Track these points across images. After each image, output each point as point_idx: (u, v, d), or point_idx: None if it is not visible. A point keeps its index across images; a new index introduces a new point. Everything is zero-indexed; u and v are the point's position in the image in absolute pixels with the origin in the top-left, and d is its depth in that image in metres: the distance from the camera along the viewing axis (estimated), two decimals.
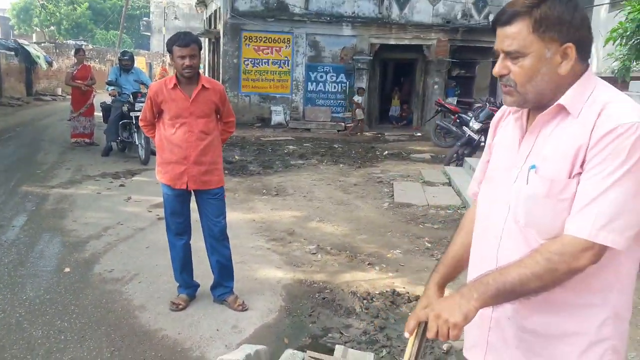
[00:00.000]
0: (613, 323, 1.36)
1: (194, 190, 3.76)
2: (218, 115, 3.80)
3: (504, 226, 1.45)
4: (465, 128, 10.71)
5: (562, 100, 1.36)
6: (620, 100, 1.33)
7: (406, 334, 1.41)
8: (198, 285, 4.06)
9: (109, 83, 9.66)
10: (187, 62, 3.45)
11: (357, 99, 15.30)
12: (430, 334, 1.35)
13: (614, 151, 1.25)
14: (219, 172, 3.81)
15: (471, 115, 11.78)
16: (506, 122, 1.58)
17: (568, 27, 1.33)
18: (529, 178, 1.39)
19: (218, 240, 3.87)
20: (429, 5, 15.88)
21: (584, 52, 1.37)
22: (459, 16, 16.02)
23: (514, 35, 1.36)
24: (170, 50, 3.55)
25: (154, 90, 3.62)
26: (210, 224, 3.86)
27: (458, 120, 12.61)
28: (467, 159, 9.32)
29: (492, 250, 1.48)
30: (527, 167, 1.40)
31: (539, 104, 1.41)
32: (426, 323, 1.39)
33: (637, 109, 1.30)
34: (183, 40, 3.46)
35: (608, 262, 1.30)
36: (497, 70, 1.42)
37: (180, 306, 3.83)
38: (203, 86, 3.60)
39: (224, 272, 3.92)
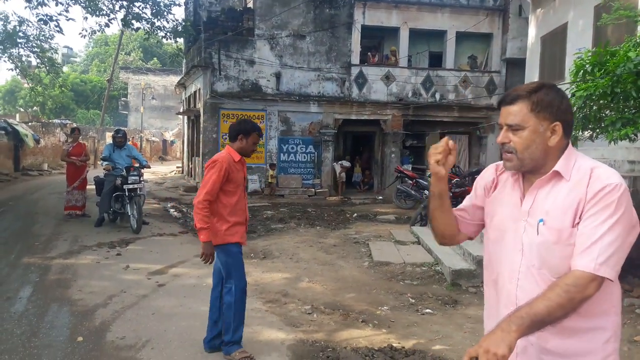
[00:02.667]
0: (614, 341, 1.59)
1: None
2: None
3: (520, 269, 1.65)
4: (425, 192, 10.94)
5: (557, 167, 1.61)
6: (600, 166, 1.59)
7: None
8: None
9: (104, 159, 9.52)
10: (256, 147, 4.04)
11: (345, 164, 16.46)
12: None
13: (605, 205, 1.50)
14: None
15: (429, 180, 12.08)
16: (504, 181, 1.77)
17: (557, 110, 1.60)
18: (539, 229, 1.60)
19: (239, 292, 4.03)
20: (384, 86, 16.52)
21: (568, 130, 1.64)
22: (409, 95, 16.69)
23: (515, 112, 1.62)
24: (247, 134, 3.90)
25: (227, 162, 3.83)
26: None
27: (416, 185, 12.94)
28: None
29: (512, 290, 1.67)
30: (536, 221, 1.61)
31: (532, 169, 1.65)
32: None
33: (614, 173, 1.57)
34: (260, 130, 4.02)
35: (604, 291, 1.53)
36: (500, 139, 1.66)
37: (251, 355, 3.87)
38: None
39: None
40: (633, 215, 1.54)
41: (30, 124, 24.97)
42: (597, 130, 5.04)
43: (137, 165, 9.47)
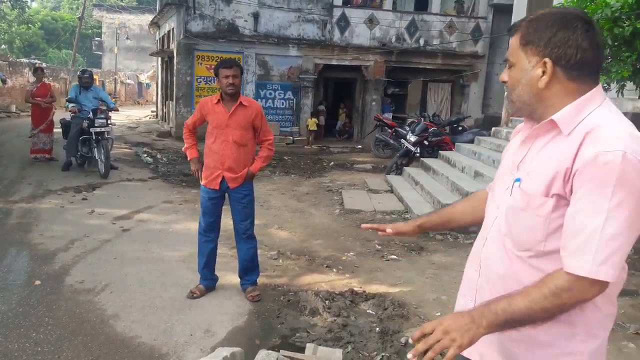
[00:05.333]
0: (583, 339, 1.32)
1: (227, 195, 4.06)
2: (256, 133, 4.07)
3: (491, 229, 1.46)
4: (402, 140, 10.94)
5: (555, 116, 1.31)
6: (611, 127, 1.23)
7: (409, 340, 1.38)
8: (217, 279, 4.27)
9: (69, 100, 9.25)
10: (230, 80, 3.82)
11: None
12: (429, 342, 1.27)
13: (600, 182, 1.18)
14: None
15: (408, 129, 12.06)
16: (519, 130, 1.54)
17: (547, 42, 1.30)
18: (513, 190, 1.38)
19: (243, 240, 4.16)
20: (367, 30, 16.17)
21: (573, 72, 1.30)
22: (393, 40, 16.38)
23: (510, 45, 1.39)
24: (216, 74, 3.92)
25: (203, 104, 4.02)
26: (237, 225, 4.16)
27: (395, 134, 12.92)
28: (405, 168, 9.53)
29: (479, 247, 1.51)
30: (513, 180, 1.40)
31: (530, 115, 1.40)
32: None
33: (623, 137, 1.20)
34: (228, 63, 3.91)
35: None
36: (501, 77, 1.44)
37: (196, 295, 4.04)
38: (241, 103, 3.93)
39: (245, 267, 4.18)
40: None
41: None
42: None
43: (104, 107, 9.24)
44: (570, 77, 1.31)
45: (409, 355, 1.27)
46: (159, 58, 20.54)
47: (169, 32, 17.34)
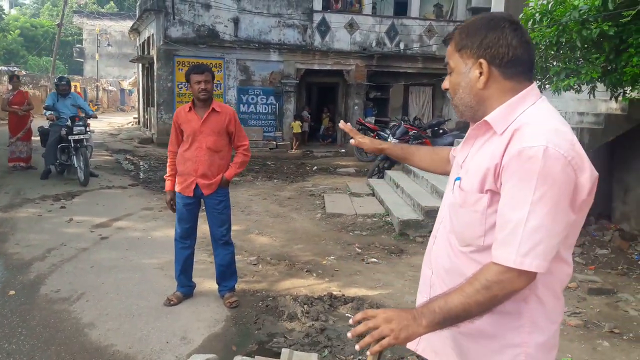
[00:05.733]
0: (529, 331, 1.34)
1: (203, 201, 4.03)
2: (231, 139, 4.04)
3: (439, 227, 1.52)
4: None
5: (488, 117, 1.35)
6: (537, 124, 1.27)
7: (350, 321, 1.37)
8: (194, 286, 4.25)
9: (47, 108, 9.15)
10: (202, 86, 3.80)
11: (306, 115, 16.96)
12: (370, 325, 1.30)
13: (523, 176, 1.21)
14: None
15: (388, 132, 12.14)
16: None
17: (479, 44, 1.34)
18: (454, 189, 1.43)
19: (220, 246, 4.11)
20: (347, 34, 16.25)
21: (508, 70, 1.34)
22: (373, 44, 16.48)
23: (447, 53, 1.44)
24: (188, 79, 3.89)
25: (176, 115, 3.99)
26: (214, 231, 4.11)
27: (377, 137, 12.99)
28: (387, 171, 9.58)
29: (431, 245, 1.56)
30: (454, 178, 1.44)
31: (473, 117, 1.42)
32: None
33: (547, 132, 1.23)
34: (199, 69, 3.86)
35: None
36: (443, 85, 1.49)
37: (172, 302, 4.02)
38: (214, 109, 3.90)
39: (222, 272, 4.15)
40: (568, 188, 1.22)
41: None
42: (544, 80, 5.08)
43: (82, 115, 9.15)
44: (505, 75, 1.35)
45: (349, 335, 1.31)
46: (140, 64, 20.41)
47: (148, 38, 17.25)
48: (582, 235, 6.02)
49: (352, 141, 1.94)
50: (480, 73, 1.35)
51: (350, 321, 1.36)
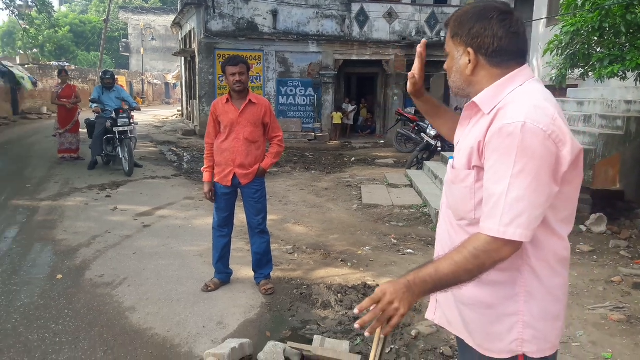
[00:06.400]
0: (524, 301, 1.41)
1: (240, 191, 4.11)
2: (266, 130, 4.10)
3: (442, 205, 1.63)
4: (423, 135, 10.87)
5: (476, 98, 1.45)
6: (518, 102, 1.34)
7: (355, 311, 1.41)
8: (231, 273, 4.34)
9: (93, 101, 9.49)
10: (237, 77, 3.88)
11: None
12: (377, 311, 1.35)
13: (504, 151, 1.29)
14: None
15: (427, 123, 11.96)
16: None
17: (467, 34, 1.44)
18: (448, 167, 1.54)
19: (256, 234, 4.19)
20: (386, 24, 16.09)
21: (494, 59, 1.42)
22: (413, 33, 16.26)
23: (446, 38, 1.54)
24: (223, 71, 3.98)
25: (213, 106, 4.07)
26: (250, 220, 4.19)
27: (417, 128, 12.81)
28: (426, 162, 9.46)
29: (438, 224, 1.67)
30: (449, 157, 1.51)
31: (467, 97, 1.51)
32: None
33: (527, 109, 1.30)
34: (233, 61, 3.92)
35: None
36: (444, 65, 1.58)
37: (210, 288, 4.14)
38: (250, 101, 3.97)
39: (258, 260, 4.22)
40: (549, 161, 1.29)
41: (26, 66, 24.81)
42: (587, 68, 4.89)
43: (126, 107, 9.44)
44: (492, 63, 1.44)
45: (356, 325, 1.36)
46: (182, 58, 20.83)
47: (190, 32, 17.57)
48: (628, 229, 5.80)
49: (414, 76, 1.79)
50: (469, 60, 1.45)
51: (356, 310, 1.40)
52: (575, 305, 3.94)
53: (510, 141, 1.28)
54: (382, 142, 15.85)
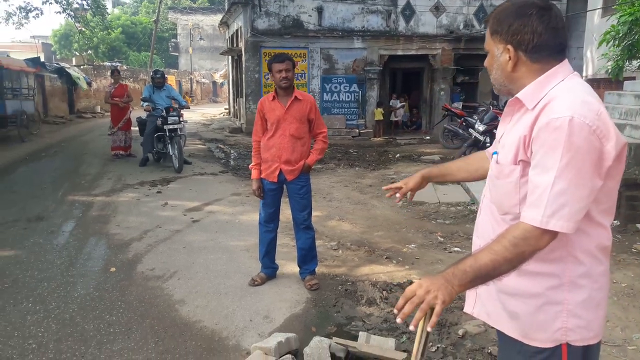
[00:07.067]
0: (568, 290, 1.43)
1: (286, 187, 4.16)
2: (310, 126, 4.14)
3: (483, 198, 1.66)
4: (471, 130, 10.66)
5: (519, 94, 1.47)
6: (564, 97, 1.36)
7: (395, 310, 1.42)
8: (277, 267, 4.40)
9: (144, 99, 9.81)
10: (283, 74, 3.92)
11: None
12: (415, 302, 1.36)
13: (551, 145, 1.32)
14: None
15: (476, 118, 11.71)
16: None
17: (506, 31, 1.46)
18: (492, 162, 1.57)
19: (301, 230, 4.23)
20: (433, 18, 15.83)
21: (534, 55, 1.44)
22: (461, 26, 15.93)
23: (486, 36, 1.56)
24: (270, 69, 4.03)
25: (260, 104, 4.13)
26: (295, 215, 4.24)
27: (464, 123, 12.54)
28: None
29: (478, 216, 1.69)
30: (492, 153, 1.59)
31: (509, 93, 1.54)
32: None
33: (573, 104, 1.33)
34: (280, 58, 3.98)
35: (557, 240, 1.38)
36: (485, 63, 1.60)
37: (257, 282, 4.21)
38: (296, 97, 4.02)
39: (304, 256, 4.27)
40: (593, 155, 1.31)
41: (82, 67, 25.87)
42: None
43: (176, 105, 9.70)
44: (532, 59, 1.46)
45: (398, 320, 1.38)
46: (229, 57, 21.18)
47: (237, 30, 17.85)
48: None
49: (399, 195, 2.09)
50: (509, 57, 1.47)
51: (395, 311, 1.41)
52: (632, 307, 3.77)
53: (557, 135, 1.31)
54: (428, 138, 15.62)
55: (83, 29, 21.71)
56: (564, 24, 1.47)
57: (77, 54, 40.16)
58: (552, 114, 1.33)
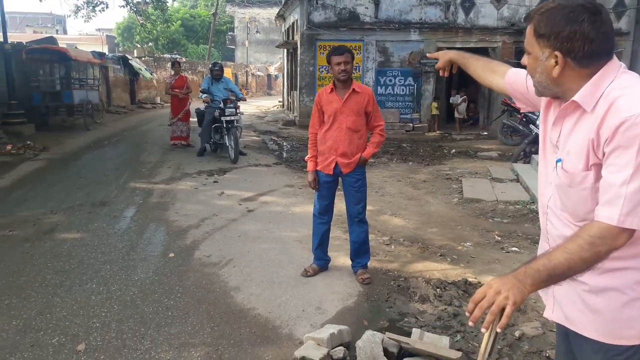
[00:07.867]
0: None
1: (341, 179, 4.17)
2: (368, 119, 4.12)
3: (549, 204, 1.59)
4: (532, 126, 10.27)
5: (576, 97, 1.41)
6: (629, 94, 1.33)
7: (466, 314, 1.41)
8: (329, 260, 4.42)
9: (202, 91, 10.06)
10: (342, 67, 3.92)
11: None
12: (485, 305, 1.35)
13: (626, 144, 1.29)
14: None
15: (538, 113, 11.28)
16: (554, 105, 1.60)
17: (555, 37, 1.38)
18: (557, 170, 1.50)
19: (355, 223, 4.22)
20: (493, 10, 15.35)
21: (583, 61, 1.38)
22: (522, 19, 15.37)
23: (527, 34, 1.48)
24: (329, 61, 4.05)
25: (318, 96, 4.15)
26: (350, 208, 4.24)
27: (525, 119, 12.10)
28: (534, 156, 8.95)
29: (544, 222, 1.63)
30: (555, 160, 1.51)
31: (553, 96, 1.51)
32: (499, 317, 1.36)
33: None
34: (339, 50, 3.97)
35: (636, 236, 1.36)
36: (522, 60, 1.54)
37: (309, 273, 4.24)
38: (354, 90, 4.01)
39: (356, 249, 4.26)
40: None
41: (143, 59, 26.81)
42: None
43: (233, 97, 9.89)
44: (581, 65, 1.40)
45: (470, 323, 1.38)
46: (285, 50, 21.36)
47: (293, 23, 17.96)
48: None
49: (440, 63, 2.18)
50: (556, 62, 1.40)
51: (467, 314, 1.40)
52: None
53: (631, 132, 1.28)
54: (485, 133, 15.22)
55: (144, 22, 22.46)
56: (612, 26, 1.41)
57: (139, 46, 41.62)
58: (622, 113, 1.30)
